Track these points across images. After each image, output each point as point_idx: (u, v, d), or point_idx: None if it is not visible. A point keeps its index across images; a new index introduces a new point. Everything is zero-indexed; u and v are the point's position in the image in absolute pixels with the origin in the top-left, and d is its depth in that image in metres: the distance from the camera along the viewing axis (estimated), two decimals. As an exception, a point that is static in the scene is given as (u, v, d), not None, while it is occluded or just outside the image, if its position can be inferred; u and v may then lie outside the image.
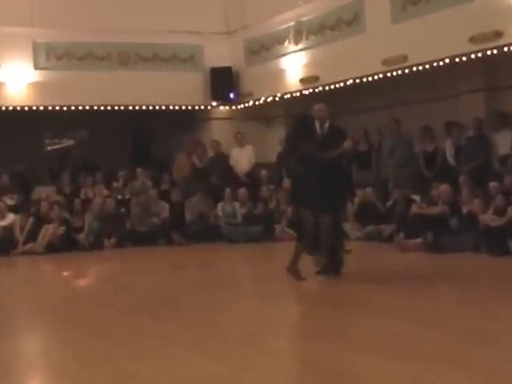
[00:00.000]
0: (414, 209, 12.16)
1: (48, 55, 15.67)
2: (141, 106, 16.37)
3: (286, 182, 9.16)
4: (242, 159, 16.15)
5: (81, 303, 8.38)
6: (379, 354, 5.38)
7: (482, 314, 6.59)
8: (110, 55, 16.10)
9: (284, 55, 15.59)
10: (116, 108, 16.19)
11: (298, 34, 15.22)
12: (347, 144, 8.81)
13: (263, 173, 15.76)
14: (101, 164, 16.84)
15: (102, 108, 16.07)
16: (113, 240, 14.16)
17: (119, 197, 15.61)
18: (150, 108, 16.48)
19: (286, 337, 6.21)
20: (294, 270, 8.81)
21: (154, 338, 6.17)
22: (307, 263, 8.82)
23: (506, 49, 11.48)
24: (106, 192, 15.54)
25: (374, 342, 5.75)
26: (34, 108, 15.58)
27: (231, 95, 16.85)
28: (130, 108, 16.30)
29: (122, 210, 14.95)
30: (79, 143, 18.94)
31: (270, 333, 6.26)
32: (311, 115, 8.96)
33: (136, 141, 18.55)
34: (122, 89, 15.82)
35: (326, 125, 8.86)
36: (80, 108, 15.88)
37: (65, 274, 11.53)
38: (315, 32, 14.82)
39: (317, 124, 8.83)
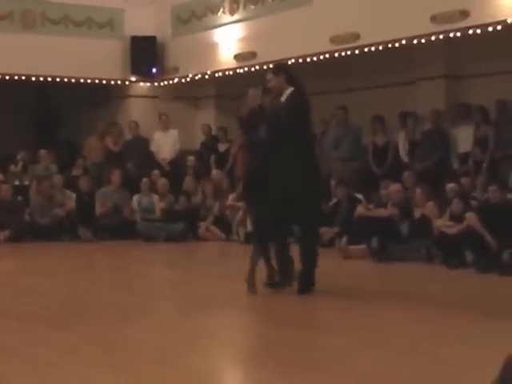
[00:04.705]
0: (360, 210, 12.25)
1: None
2: (46, 77, 16.16)
3: (215, 174, 9.02)
4: (165, 145, 16.07)
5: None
6: (318, 375, 5.38)
7: (430, 333, 6.66)
8: (11, 14, 15.87)
9: (217, 26, 15.58)
10: (16, 78, 15.93)
11: (235, 2, 15.21)
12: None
13: (189, 161, 15.72)
14: (-5, 143, 16.57)
15: (-2, 77, 15.80)
16: (7, 233, 13.91)
17: (17, 182, 15.43)
18: (58, 80, 16.29)
19: (208, 354, 6.13)
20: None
21: (54, 350, 6.06)
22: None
23: (471, 31, 11.67)
24: (0, 176, 15.30)
25: (312, 363, 5.73)
26: None
27: (154, 70, 16.77)
28: (34, 79, 16.07)
29: (20, 198, 14.73)
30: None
31: (190, 349, 6.19)
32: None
33: (40, 118, 18.33)
34: (24, 55, 15.58)
35: (282, 98, 8.30)
36: (-29, 75, 15.60)
37: None
38: (254, 1, 14.84)
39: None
